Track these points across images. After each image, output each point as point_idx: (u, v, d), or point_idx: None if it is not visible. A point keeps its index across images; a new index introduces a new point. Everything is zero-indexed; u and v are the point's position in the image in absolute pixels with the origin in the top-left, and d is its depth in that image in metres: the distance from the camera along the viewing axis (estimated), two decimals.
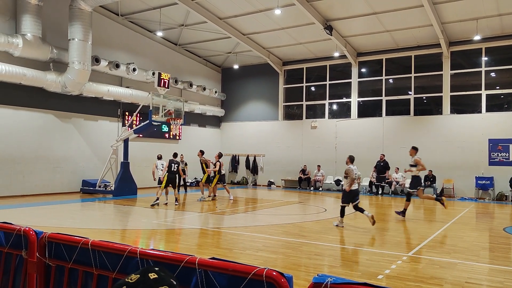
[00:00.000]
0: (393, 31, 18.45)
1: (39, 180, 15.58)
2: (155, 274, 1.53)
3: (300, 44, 20.79)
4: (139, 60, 19.30)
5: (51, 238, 2.91)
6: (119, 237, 8.38)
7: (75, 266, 2.83)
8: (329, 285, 1.89)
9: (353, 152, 20.09)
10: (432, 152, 18.82)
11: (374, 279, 5.56)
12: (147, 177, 19.35)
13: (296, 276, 5.52)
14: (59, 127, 16.38)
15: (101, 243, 2.74)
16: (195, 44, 22.00)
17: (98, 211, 12.50)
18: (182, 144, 21.87)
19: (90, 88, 16.42)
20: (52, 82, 15.21)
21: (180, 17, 19.15)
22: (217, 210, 12.22)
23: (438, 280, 5.58)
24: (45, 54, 15.02)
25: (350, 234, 9.17)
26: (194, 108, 22.29)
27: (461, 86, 18.92)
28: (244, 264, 2.21)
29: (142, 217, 11.12)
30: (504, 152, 17.54)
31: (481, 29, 17.19)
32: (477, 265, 6.47)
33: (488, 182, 17.56)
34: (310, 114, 22.64)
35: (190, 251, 7.00)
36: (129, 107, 18.88)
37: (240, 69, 23.95)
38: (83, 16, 15.11)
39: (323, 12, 17.51)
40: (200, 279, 2.32)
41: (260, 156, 23.48)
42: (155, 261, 2.52)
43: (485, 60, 18.41)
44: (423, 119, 19.45)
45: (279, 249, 7.49)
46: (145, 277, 1.50)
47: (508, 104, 18.22)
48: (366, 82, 21.21)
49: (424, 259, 6.80)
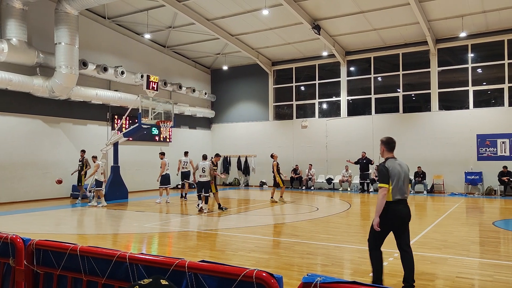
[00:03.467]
0: (381, 29, 18.59)
1: (28, 186, 15.40)
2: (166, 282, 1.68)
3: (289, 44, 20.85)
4: (127, 63, 19.18)
5: (39, 245, 2.88)
6: (110, 242, 8.32)
7: (64, 273, 2.80)
8: (318, 285, 1.90)
9: (344, 151, 20.49)
10: (421, 148, 19.02)
11: (366, 276, 5.59)
12: (138, 181, 19.27)
13: (289, 276, 5.53)
14: (47, 132, 16.21)
15: (89, 249, 2.72)
16: (184, 46, 21.93)
17: (89, 216, 12.39)
18: (172, 147, 21.79)
19: (78, 92, 16.27)
20: (39, 87, 15.04)
21: (167, 19, 19.07)
22: (204, 212, 12.14)
23: (429, 276, 5.63)
24: (31, 59, 14.85)
25: (342, 233, 9.21)
26: (184, 110, 22.21)
27: (448, 82, 19.13)
28: (234, 266, 2.21)
29: (133, 221, 11.04)
30: (492, 147, 17.76)
31: (466, 26, 17.40)
32: (468, 260, 6.54)
33: (477, 177, 17.77)
34: (301, 113, 22.70)
35: (182, 254, 6.98)
36: (118, 111, 18.75)
37: (229, 70, 23.94)
38: (69, 19, 14.96)
39: (311, 12, 17.58)
40: (190, 282, 2.32)
41: (252, 156, 23.48)
42: (145, 265, 2.50)
43: (471, 57, 18.63)
44: (412, 116, 19.62)
45: (271, 249, 7.49)
46: (157, 282, 1.65)
47: (495, 100, 18.46)
48: (355, 80, 21.33)
49: (415, 255, 6.82)
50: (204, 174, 12.38)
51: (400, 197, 4.91)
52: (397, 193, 4.89)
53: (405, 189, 4.96)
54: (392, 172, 4.91)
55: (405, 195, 4.97)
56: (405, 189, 4.97)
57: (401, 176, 4.93)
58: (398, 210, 4.89)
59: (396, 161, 5.04)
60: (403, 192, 4.94)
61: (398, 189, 4.89)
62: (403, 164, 5.06)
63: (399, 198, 4.89)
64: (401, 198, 4.92)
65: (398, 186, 4.89)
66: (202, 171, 12.42)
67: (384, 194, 4.84)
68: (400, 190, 4.90)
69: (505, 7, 16.07)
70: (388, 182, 4.87)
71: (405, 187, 4.97)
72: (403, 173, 4.96)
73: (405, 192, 4.97)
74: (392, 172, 4.91)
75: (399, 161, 5.08)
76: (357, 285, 1.82)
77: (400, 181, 4.91)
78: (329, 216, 11.66)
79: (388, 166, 4.94)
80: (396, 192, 4.88)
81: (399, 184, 4.90)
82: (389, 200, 4.87)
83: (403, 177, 4.96)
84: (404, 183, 4.96)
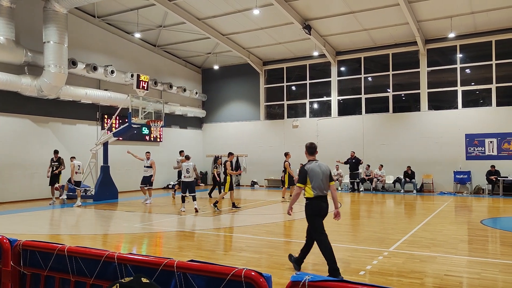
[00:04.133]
0: (371, 29, 18.70)
1: (16, 186, 15.21)
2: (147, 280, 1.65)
3: (280, 44, 20.87)
4: (117, 62, 19.04)
5: (26, 246, 2.85)
6: (100, 243, 8.25)
7: (51, 274, 2.77)
8: (307, 283, 1.90)
9: (334, 150, 20.57)
10: (411, 148, 19.19)
11: (356, 275, 5.63)
12: (128, 181, 19.14)
13: (279, 275, 5.54)
14: (36, 132, 16.02)
15: (77, 249, 2.69)
16: (174, 45, 21.84)
17: (79, 216, 12.29)
18: (163, 147, 21.70)
19: (67, 92, 16.12)
20: (27, 86, 14.87)
21: (158, 18, 18.97)
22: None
23: (418, 274, 5.68)
24: (19, 58, 14.67)
25: (332, 232, 9.25)
26: (174, 110, 22.12)
27: (437, 82, 19.32)
28: (223, 266, 2.21)
29: (123, 222, 10.97)
30: (480, 147, 17.98)
31: (455, 27, 17.59)
32: (456, 258, 6.62)
33: (466, 176, 17.97)
34: (292, 113, 22.75)
35: (172, 254, 6.95)
36: (108, 110, 18.61)
37: (220, 70, 23.89)
38: (58, 18, 14.80)
39: (302, 12, 17.62)
40: (179, 282, 2.31)
41: (243, 156, 23.46)
42: (133, 265, 2.49)
43: (460, 57, 18.84)
44: (402, 116, 19.78)
45: (262, 248, 7.50)
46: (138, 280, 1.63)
47: (483, 100, 18.69)
48: (345, 80, 21.43)
49: (405, 254, 6.91)
50: (188, 174, 12.47)
51: (320, 194, 5.60)
52: (317, 190, 5.57)
53: (324, 187, 5.62)
54: (311, 173, 5.57)
55: (325, 192, 5.65)
56: (325, 186, 5.64)
57: (320, 176, 5.60)
58: (318, 204, 5.61)
59: (316, 163, 5.71)
60: (322, 189, 5.61)
61: (317, 187, 5.57)
62: (322, 166, 5.72)
63: (319, 194, 5.59)
64: (321, 194, 5.61)
65: (317, 184, 5.57)
66: (186, 171, 12.48)
67: (298, 192, 5.61)
68: (319, 188, 5.58)
69: (492, 9, 16.28)
70: (304, 182, 5.59)
71: (324, 185, 5.64)
72: (322, 174, 5.62)
73: (324, 189, 5.64)
74: (311, 173, 5.57)
75: (319, 163, 5.74)
76: (345, 283, 1.83)
77: (319, 180, 5.58)
78: None
79: (307, 168, 5.63)
80: (316, 189, 5.57)
81: (318, 182, 5.57)
82: (311, 196, 5.59)
83: (322, 176, 5.61)
84: (324, 182, 5.62)
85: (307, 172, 5.59)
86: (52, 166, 14.73)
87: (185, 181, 12.50)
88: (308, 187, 5.59)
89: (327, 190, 5.67)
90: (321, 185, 5.59)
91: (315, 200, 5.58)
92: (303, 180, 5.58)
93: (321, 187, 5.59)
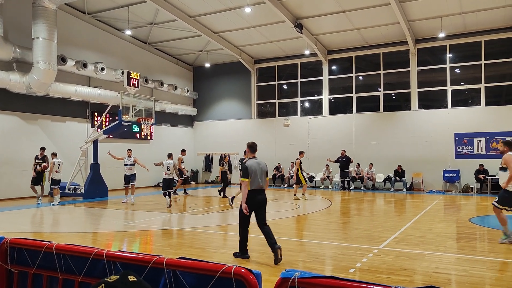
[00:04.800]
0: (362, 29, 18.79)
1: (4, 184, 15.02)
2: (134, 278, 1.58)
3: (272, 42, 20.87)
4: (107, 59, 18.88)
5: (13, 244, 2.81)
6: (90, 241, 8.19)
7: (39, 272, 2.74)
8: (296, 280, 1.91)
9: (325, 149, 20.65)
10: (401, 146, 19.34)
11: (346, 272, 5.66)
12: (118, 179, 18.98)
13: (270, 273, 5.55)
14: (24, 129, 15.83)
15: (66, 247, 2.67)
16: (166, 43, 21.72)
17: (68, 214, 12.18)
18: (154, 144, 21.57)
19: (56, 89, 15.94)
20: (16, 82, 14.67)
21: (149, 15, 18.84)
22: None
23: (407, 272, 5.73)
24: (7, 54, 14.47)
25: (323, 230, 9.29)
26: (165, 108, 22.01)
27: (427, 82, 19.48)
28: (213, 263, 2.20)
29: (113, 219, 10.90)
30: (469, 146, 18.18)
31: (445, 27, 17.75)
32: (444, 255, 6.69)
33: (455, 175, 18.16)
34: (283, 111, 22.78)
35: (162, 252, 6.92)
36: (98, 108, 18.44)
37: (211, 68, 23.82)
38: (48, 14, 14.62)
39: (293, 10, 17.63)
40: (169, 279, 2.29)
41: (234, 154, 23.44)
42: (122, 263, 2.47)
43: (449, 57, 19.02)
44: (392, 115, 19.91)
45: (253, 246, 7.49)
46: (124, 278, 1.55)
47: (472, 99, 18.89)
48: (336, 79, 21.51)
49: (394, 252, 6.96)
50: (168, 172, 13.36)
51: (257, 187, 6.34)
52: (254, 184, 6.31)
53: (260, 181, 6.37)
54: (250, 169, 6.29)
55: (261, 185, 6.40)
56: (261, 181, 6.39)
57: (258, 171, 6.35)
58: (255, 196, 6.33)
59: (255, 160, 6.48)
60: (259, 183, 6.35)
61: (255, 181, 6.31)
62: (261, 163, 6.52)
63: (256, 188, 6.33)
64: (258, 188, 6.36)
65: (256, 179, 6.32)
66: (167, 169, 13.38)
67: (245, 185, 6.27)
68: (256, 182, 6.33)
69: (482, 9, 16.45)
70: (247, 176, 6.26)
71: (262, 180, 6.40)
72: (259, 170, 6.39)
73: (261, 183, 6.39)
74: (250, 169, 6.29)
75: (259, 161, 6.53)
76: (334, 280, 1.83)
77: (257, 176, 6.33)
78: (311, 214, 11.74)
79: (247, 165, 6.34)
80: (253, 183, 6.30)
81: (256, 177, 6.32)
82: (249, 189, 6.28)
83: (260, 172, 6.38)
84: (261, 177, 6.38)
85: (248, 168, 6.30)
86: (36, 164, 13.93)
87: (166, 178, 13.36)
88: (248, 181, 6.30)
89: (263, 184, 6.43)
90: (259, 179, 6.34)
91: (252, 193, 6.30)
92: (246, 174, 6.27)
93: (259, 182, 6.34)
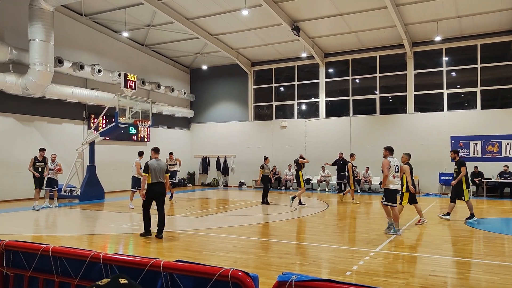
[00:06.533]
0: (359, 32, 18.86)
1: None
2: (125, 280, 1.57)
3: (269, 45, 20.91)
4: (104, 61, 18.85)
5: (9, 246, 2.80)
6: (86, 243, 8.16)
7: (35, 274, 2.73)
8: (293, 283, 1.91)
9: (322, 151, 20.66)
10: (397, 149, 19.19)
11: (342, 275, 5.66)
12: (115, 181, 18.95)
13: (266, 276, 5.55)
14: (20, 131, 15.76)
15: (62, 249, 2.66)
16: (163, 45, 21.71)
17: (64, 216, 12.13)
18: (150, 147, 21.47)
19: (53, 90, 15.89)
20: (12, 84, 14.62)
21: (146, 17, 18.84)
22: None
23: (403, 274, 5.74)
24: (3, 55, 14.42)
25: (319, 232, 9.29)
26: (162, 110, 21.99)
27: (424, 85, 19.56)
28: (210, 266, 2.20)
29: (109, 222, 10.86)
30: (465, 149, 18.26)
31: (441, 30, 17.84)
32: (440, 258, 6.70)
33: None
34: (280, 114, 22.81)
35: (159, 254, 6.91)
36: (94, 109, 18.40)
37: (209, 70, 23.83)
38: (44, 15, 14.58)
39: (290, 13, 17.68)
40: (166, 282, 2.29)
41: (231, 157, 23.45)
42: (119, 265, 2.46)
43: (446, 60, 19.12)
44: (388, 118, 19.97)
45: (249, 249, 7.49)
46: (116, 281, 1.54)
47: (468, 103, 18.98)
48: (333, 82, 21.57)
49: (391, 254, 6.98)
50: None
51: (156, 181, 8.34)
52: (153, 179, 8.31)
53: (159, 176, 8.35)
54: (151, 166, 8.33)
55: (160, 180, 8.38)
56: (160, 176, 8.37)
57: (157, 169, 8.36)
58: (154, 188, 8.38)
59: (156, 161, 8.52)
60: (158, 178, 8.34)
61: (154, 176, 8.30)
62: (161, 162, 8.56)
63: (155, 181, 8.34)
64: (157, 182, 8.34)
65: (154, 175, 8.30)
66: None
67: (145, 178, 8.37)
68: (155, 177, 8.32)
69: (478, 13, 16.56)
70: (147, 172, 8.28)
71: (160, 176, 8.38)
72: (158, 167, 8.40)
73: (159, 178, 8.36)
74: (151, 166, 8.33)
75: (158, 161, 8.54)
76: (331, 283, 1.84)
77: (156, 172, 8.33)
78: (307, 216, 11.75)
79: (149, 163, 8.38)
80: (153, 178, 8.30)
81: (155, 173, 8.31)
82: (150, 183, 8.31)
83: (159, 170, 8.38)
84: (159, 173, 8.37)
85: (149, 166, 8.32)
86: (38, 167, 13.24)
87: (136, 177, 13.49)
88: (149, 176, 8.28)
89: (162, 178, 8.42)
90: (157, 175, 8.33)
91: (152, 186, 8.35)
92: (147, 171, 8.28)
93: (157, 176, 8.33)
